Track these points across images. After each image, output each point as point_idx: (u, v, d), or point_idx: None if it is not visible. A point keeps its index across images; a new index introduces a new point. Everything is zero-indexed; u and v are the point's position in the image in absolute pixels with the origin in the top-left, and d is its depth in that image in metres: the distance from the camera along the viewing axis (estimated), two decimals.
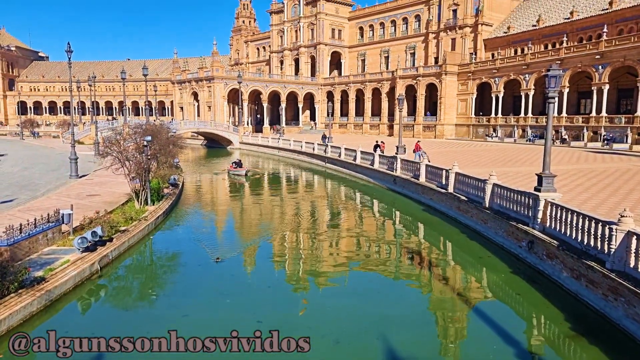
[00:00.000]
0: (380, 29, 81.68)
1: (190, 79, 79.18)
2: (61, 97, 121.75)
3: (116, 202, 20.90)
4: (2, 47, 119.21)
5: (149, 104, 76.96)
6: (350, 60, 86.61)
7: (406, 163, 28.88)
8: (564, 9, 60.29)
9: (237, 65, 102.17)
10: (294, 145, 51.64)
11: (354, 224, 23.11)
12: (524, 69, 53.43)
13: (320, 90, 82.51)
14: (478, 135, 59.39)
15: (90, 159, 36.19)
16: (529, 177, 22.24)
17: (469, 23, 66.74)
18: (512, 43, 63.70)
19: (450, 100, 62.00)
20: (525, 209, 15.58)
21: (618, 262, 10.60)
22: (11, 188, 24.30)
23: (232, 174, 37.79)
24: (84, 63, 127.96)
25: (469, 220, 19.71)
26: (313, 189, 35.14)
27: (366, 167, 34.47)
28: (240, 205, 28.60)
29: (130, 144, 21.88)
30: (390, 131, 69.00)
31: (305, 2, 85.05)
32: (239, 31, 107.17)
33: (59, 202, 19.67)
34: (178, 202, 25.39)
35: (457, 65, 62.11)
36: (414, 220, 23.52)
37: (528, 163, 31.63)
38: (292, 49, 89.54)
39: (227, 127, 68.88)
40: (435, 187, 23.68)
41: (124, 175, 20.81)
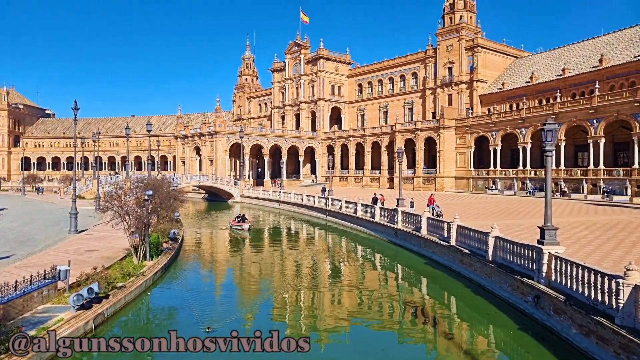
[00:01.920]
0: (379, 85, 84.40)
1: (193, 134, 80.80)
2: (65, 152, 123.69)
3: (114, 258, 20.62)
4: (11, 105, 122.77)
5: (152, 158, 78.17)
6: (350, 115, 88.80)
7: (407, 215, 28.78)
8: (556, 67, 62.61)
9: (239, 121, 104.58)
10: (295, 198, 51.75)
11: (355, 280, 22.66)
12: (520, 123, 54.61)
13: (320, 144, 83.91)
14: (478, 187, 59.70)
15: (91, 214, 36.15)
16: (531, 229, 22.08)
17: (464, 80, 69.08)
18: (507, 98, 65.62)
19: (449, 154, 62.89)
20: (529, 263, 15.34)
21: (627, 317, 10.28)
22: (9, 244, 24.07)
23: (234, 229, 37.35)
24: (90, 119, 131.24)
25: (473, 274, 19.35)
26: (314, 243, 34.80)
27: (367, 220, 34.34)
28: (240, 261, 28.19)
29: (131, 199, 21.94)
30: (391, 184, 69.42)
31: (306, 60, 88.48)
32: (242, 88, 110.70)
33: (56, 258, 19.43)
34: (177, 257, 25.04)
35: (455, 120, 63.59)
36: (416, 275, 23.09)
37: (529, 215, 31.52)
38: (293, 104, 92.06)
39: (229, 181, 69.41)
40: (437, 240, 23.45)
41: (123, 229, 20.68)
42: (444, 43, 71.54)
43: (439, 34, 71.82)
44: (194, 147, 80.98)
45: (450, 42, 70.63)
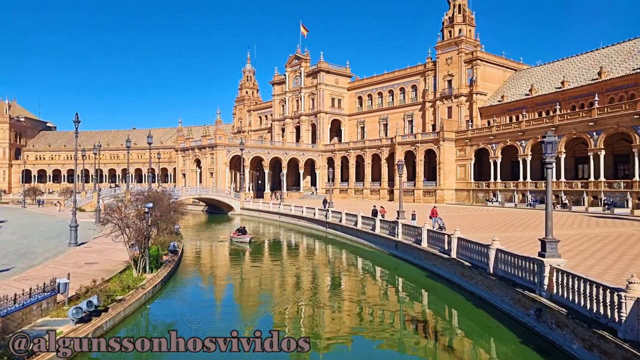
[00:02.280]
0: (379, 98, 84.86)
1: (193, 146, 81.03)
2: (66, 165, 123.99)
3: (114, 270, 20.55)
4: (12, 118, 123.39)
5: (152, 171, 78.20)
6: (350, 127, 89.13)
7: (408, 228, 28.72)
8: (555, 79, 62.98)
9: (239, 133, 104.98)
10: (295, 211, 51.68)
11: (356, 293, 22.52)
12: (520, 135, 54.77)
13: (320, 157, 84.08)
14: (478, 199, 59.64)
15: (91, 227, 36.07)
16: (532, 242, 22.00)
17: (464, 92, 69.48)
18: (506, 111, 65.89)
19: (449, 166, 62.95)
20: (530, 275, 15.26)
21: (630, 331, 10.20)
22: (9, 257, 23.98)
23: (235, 241, 37.16)
24: (91, 132, 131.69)
25: (474, 287, 19.24)
26: (314, 256, 34.66)
27: (367, 232, 34.26)
28: (240, 274, 28.05)
29: (131, 211, 21.93)
30: (391, 196, 69.37)
31: (306, 73, 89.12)
32: (242, 101, 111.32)
33: (56, 271, 19.33)
34: (177, 270, 24.94)
35: (454, 132, 63.78)
36: (417, 287, 22.95)
37: (530, 228, 31.43)
38: (294, 117, 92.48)
39: (229, 193, 69.39)
40: (437, 253, 23.37)
41: (123, 242, 20.63)
42: (443, 56, 72.10)
43: (438, 47, 72.42)
44: (194, 160, 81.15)
45: (449, 55, 71.19)
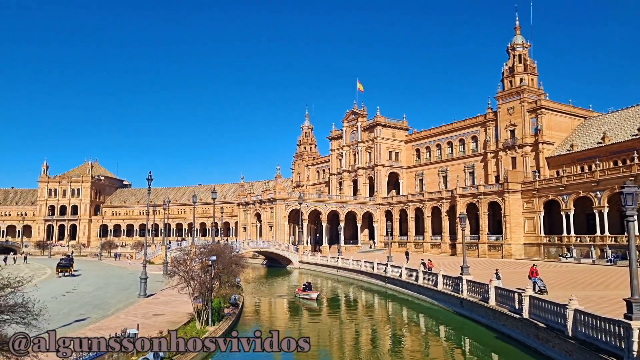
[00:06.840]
0: (437, 150, 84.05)
1: (254, 200, 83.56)
2: (138, 220, 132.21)
3: (179, 322, 21.11)
4: (94, 177, 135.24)
5: (216, 225, 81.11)
6: (408, 179, 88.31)
7: (473, 284, 27.30)
8: (631, 126, 59.20)
9: (298, 187, 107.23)
10: (353, 265, 50.93)
11: (420, 353, 21.39)
12: (594, 186, 51.48)
13: (378, 210, 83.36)
14: (550, 255, 55.76)
15: (159, 278, 37.56)
16: (615, 302, 20.08)
17: (528, 142, 67.17)
18: (577, 160, 62.41)
19: (516, 219, 59.90)
20: (616, 340, 13.83)
21: None
22: (85, 307, 25.63)
23: (300, 298, 35.23)
24: (161, 189, 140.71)
25: (551, 351, 17.65)
26: (373, 312, 33.57)
27: (429, 288, 32.88)
28: (299, 329, 27.65)
29: (196, 264, 22.70)
30: (453, 250, 66.68)
31: (363, 128, 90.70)
32: (301, 156, 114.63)
33: (126, 321, 20.28)
34: (237, 323, 25.10)
35: (520, 183, 61.16)
36: (486, 349, 21.39)
37: (613, 286, 28.78)
38: (351, 170, 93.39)
39: (287, 247, 70.01)
40: (507, 312, 21.86)
41: (188, 294, 21.25)
42: (504, 106, 70.87)
43: (499, 97, 71.46)
44: (254, 214, 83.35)
45: (511, 104, 69.87)
